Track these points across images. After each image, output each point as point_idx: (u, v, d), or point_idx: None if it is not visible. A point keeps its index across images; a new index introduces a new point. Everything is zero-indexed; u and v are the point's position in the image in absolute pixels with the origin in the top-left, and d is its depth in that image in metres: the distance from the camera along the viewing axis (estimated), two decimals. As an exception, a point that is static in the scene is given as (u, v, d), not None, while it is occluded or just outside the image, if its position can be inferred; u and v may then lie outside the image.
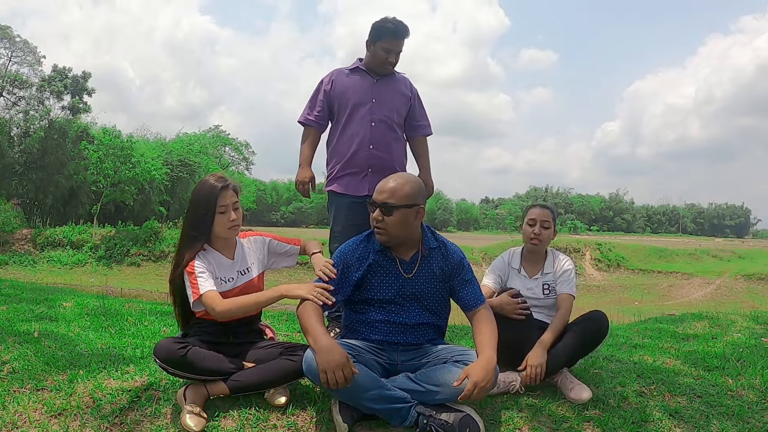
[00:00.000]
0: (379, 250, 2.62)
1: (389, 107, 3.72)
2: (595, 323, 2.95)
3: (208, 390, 2.49)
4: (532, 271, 3.25)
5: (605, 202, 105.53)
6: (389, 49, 3.63)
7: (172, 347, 2.46)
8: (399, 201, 2.52)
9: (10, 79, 33.48)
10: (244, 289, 2.72)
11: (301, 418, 2.50)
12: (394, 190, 2.53)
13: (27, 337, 3.47)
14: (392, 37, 3.61)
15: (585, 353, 3.01)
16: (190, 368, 2.46)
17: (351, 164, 3.67)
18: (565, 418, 2.62)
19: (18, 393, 2.60)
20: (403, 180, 2.58)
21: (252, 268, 2.79)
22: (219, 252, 2.72)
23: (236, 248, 2.78)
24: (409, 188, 2.55)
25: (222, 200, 2.63)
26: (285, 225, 74.86)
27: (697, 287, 28.49)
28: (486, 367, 2.34)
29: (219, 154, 46.18)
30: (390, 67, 3.70)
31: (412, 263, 2.64)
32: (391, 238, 2.57)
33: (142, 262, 28.60)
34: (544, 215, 3.24)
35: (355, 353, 2.46)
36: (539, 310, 3.16)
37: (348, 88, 3.72)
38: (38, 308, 4.66)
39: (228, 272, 2.71)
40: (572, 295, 3.16)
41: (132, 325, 4.19)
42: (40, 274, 25.65)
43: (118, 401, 2.55)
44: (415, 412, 2.40)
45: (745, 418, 2.75)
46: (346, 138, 3.71)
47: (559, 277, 3.20)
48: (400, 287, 2.62)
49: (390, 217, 2.52)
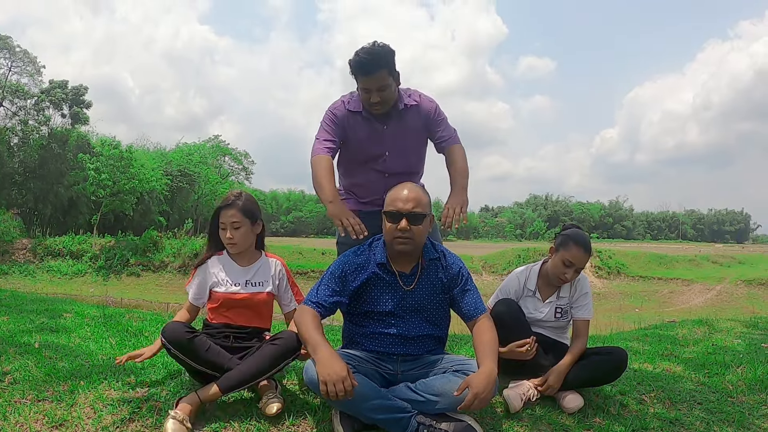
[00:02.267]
0: (380, 263, 2.63)
1: (404, 156, 3.27)
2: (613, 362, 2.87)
3: (200, 397, 2.48)
4: (547, 294, 3.13)
5: (605, 209, 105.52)
6: (366, 89, 3.03)
7: (180, 330, 2.58)
8: (425, 209, 2.58)
9: (10, 89, 33.55)
10: (250, 297, 2.90)
11: (302, 428, 2.50)
12: (418, 199, 2.57)
13: (28, 348, 3.47)
14: (362, 74, 2.99)
15: (596, 385, 2.99)
16: (193, 354, 2.54)
17: (362, 202, 3.37)
18: (566, 427, 2.62)
19: (19, 404, 2.59)
20: (419, 188, 2.65)
21: (265, 284, 2.95)
22: (233, 260, 2.96)
23: (257, 262, 2.98)
24: (427, 197, 2.65)
25: (221, 218, 2.88)
26: (285, 235, 74.71)
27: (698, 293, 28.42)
28: (487, 378, 2.34)
29: (218, 164, 46.33)
30: (377, 107, 3.08)
31: (412, 275, 2.65)
32: (416, 247, 2.60)
33: (142, 272, 28.55)
34: (584, 260, 2.98)
35: (355, 363, 2.47)
36: (546, 330, 3.13)
37: (357, 138, 3.21)
38: (39, 318, 4.65)
39: (237, 277, 2.92)
40: (590, 320, 3.11)
41: (132, 335, 4.19)
42: (40, 284, 25.61)
43: (119, 412, 2.55)
44: (415, 422, 2.40)
45: (745, 425, 2.75)
46: (358, 181, 3.36)
47: (575, 301, 3.11)
48: (399, 300, 2.63)
49: (418, 226, 2.55)
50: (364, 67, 2.96)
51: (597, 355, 2.95)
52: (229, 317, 2.88)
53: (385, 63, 2.98)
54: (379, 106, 3.07)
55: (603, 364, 2.88)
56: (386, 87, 3.02)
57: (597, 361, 2.90)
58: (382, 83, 3.00)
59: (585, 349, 3.01)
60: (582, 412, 2.76)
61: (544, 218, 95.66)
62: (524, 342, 2.83)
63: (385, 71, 2.99)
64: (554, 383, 2.86)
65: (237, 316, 2.88)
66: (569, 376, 2.88)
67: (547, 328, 3.12)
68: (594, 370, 2.88)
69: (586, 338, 3.06)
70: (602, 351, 3.00)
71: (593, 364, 2.89)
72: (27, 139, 34.16)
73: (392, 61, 3.04)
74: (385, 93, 3.04)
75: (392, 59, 3.03)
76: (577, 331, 3.09)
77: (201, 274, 2.95)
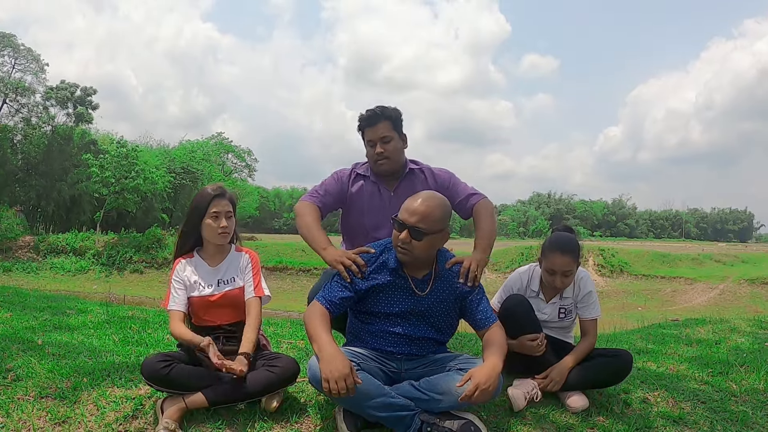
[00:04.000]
0: (392, 268, 2.60)
1: None
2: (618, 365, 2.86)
3: (187, 403, 2.47)
4: (550, 295, 3.11)
5: (608, 207, 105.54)
6: (371, 140, 3.06)
7: (156, 366, 2.48)
8: (430, 227, 2.48)
9: (14, 87, 33.64)
10: (224, 296, 2.83)
11: (305, 425, 2.50)
12: (425, 214, 2.47)
13: (31, 345, 3.47)
14: (366, 125, 3.07)
15: (599, 387, 2.95)
16: (175, 385, 2.49)
17: None
18: (569, 426, 2.61)
19: (22, 400, 2.60)
20: (435, 202, 2.52)
21: (236, 279, 2.89)
22: (204, 260, 2.89)
23: (225, 258, 2.91)
24: (440, 212, 2.51)
25: (215, 207, 2.79)
26: (287, 232, 74.72)
27: (701, 292, 28.42)
28: (490, 372, 2.34)
29: (221, 161, 46.37)
30: (382, 162, 3.05)
31: (424, 282, 2.63)
32: (414, 259, 2.56)
33: (145, 269, 28.69)
34: (566, 264, 2.90)
35: (359, 361, 2.46)
36: (551, 331, 3.11)
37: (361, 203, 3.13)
38: (42, 316, 4.66)
39: (208, 279, 2.85)
40: (597, 318, 3.09)
41: (136, 332, 4.19)
42: (43, 281, 25.72)
43: (122, 409, 2.56)
44: (418, 420, 2.39)
45: (749, 424, 2.74)
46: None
47: (580, 301, 3.08)
48: (411, 305, 2.62)
49: (419, 242, 2.49)
50: (368, 119, 3.06)
51: (602, 357, 2.94)
52: (209, 319, 2.83)
53: (387, 116, 3.06)
54: (383, 161, 3.06)
55: (607, 367, 2.87)
56: (390, 139, 3.05)
57: (601, 363, 2.89)
58: (385, 134, 3.04)
59: (593, 348, 3.01)
60: (586, 410, 2.75)
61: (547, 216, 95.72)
62: (535, 336, 2.84)
63: (388, 123, 3.05)
64: (557, 377, 2.85)
65: (217, 317, 2.83)
66: (572, 377, 2.86)
67: (551, 329, 3.11)
68: (598, 372, 2.86)
69: (594, 338, 3.05)
70: (608, 353, 2.98)
71: (598, 366, 2.88)
72: (30, 137, 34.24)
73: (396, 117, 3.09)
74: (389, 146, 3.05)
75: (396, 115, 3.10)
76: (584, 330, 3.08)
77: (179, 284, 2.82)
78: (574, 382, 2.85)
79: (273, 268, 29.67)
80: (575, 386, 2.85)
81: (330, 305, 2.55)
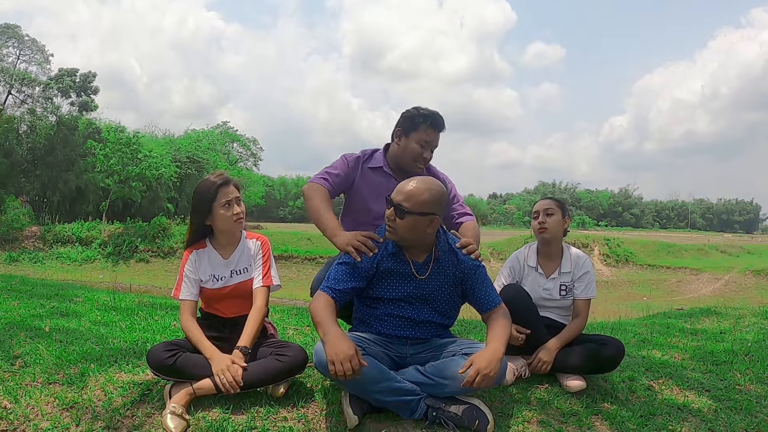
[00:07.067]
0: (392, 252, 2.60)
1: None
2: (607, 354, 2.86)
3: (194, 389, 2.49)
4: (549, 270, 3.17)
5: (614, 197, 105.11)
6: (427, 142, 3.01)
7: (161, 355, 2.52)
8: (413, 207, 2.47)
9: (19, 78, 33.68)
10: (236, 288, 2.81)
11: (312, 410, 2.52)
12: (411, 194, 2.48)
13: (38, 332, 3.50)
14: (432, 128, 3.00)
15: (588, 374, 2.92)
16: (180, 374, 2.52)
17: None
18: (574, 412, 2.62)
19: (30, 387, 2.62)
20: (425, 186, 2.51)
21: (249, 269, 2.86)
22: (217, 250, 2.85)
23: (237, 247, 2.87)
24: (428, 196, 2.49)
25: (224, 196, 2.72)
26: (293, 221, 74.82)
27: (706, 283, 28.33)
28: (491, 356, 2.34)
29: (227, 150, 46.32)
30: (422, 165, 3.06)
31: (424, 265, 2.63)
32: (400, 239, 2.56)
33: (151, 258, 28.74)
34: (546, 204, 3.22)
35: (364, 345, 2.47)
36: (552, 311, 3.14)
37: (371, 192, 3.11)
38: (49, 303, 4.70)
39: (221, 271, 2.82)
40: (591, 299, 3.14)
41: (142, 319, 4.22)
42: (49, 270, 25.84)
43: (129, 394, 2.58)
44: (424, 405, 2.41)
45: (753, 413, 2.74)
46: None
47: (578, 279, 3.14)
48: (413, 288, 2.62)
49: (401, 220, 2.49)
50: (438, 121, 3.02)
51: (592, 343, 2.95)
52: (220, 309, 2.83)
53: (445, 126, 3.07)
54: (423, 165, 3.06)
55: (595, 354, 2.86)
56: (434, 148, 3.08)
57: (590, 350, 2.89)
58: (438, 143, 3.07)
59: (582, 328, 3.06)
60: (590, 397, 2.76)
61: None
62: (524, 330, 2.91)
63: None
64: (545, 357, 2.89)
65: (227, 308, 2.83)
66: (567, 361, 2.89)
67: (553, 310, 3.14)
68: (586, 358, 2.86)
69: (585, 318, 3.10)
70: (598, 339, 3.00)
71: (586, 351, 2.89)
72: (35, 127, 34.30)
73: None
74: (431, 155, 3.08)
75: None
76: (576, 310, 3.12)
77: (191, 274, 2.80)
78: (566, 366, 2.89)
79: (279, 257, 29.66)
80: (567, 370, 2.89)
81: (336, 294, 2.55)
